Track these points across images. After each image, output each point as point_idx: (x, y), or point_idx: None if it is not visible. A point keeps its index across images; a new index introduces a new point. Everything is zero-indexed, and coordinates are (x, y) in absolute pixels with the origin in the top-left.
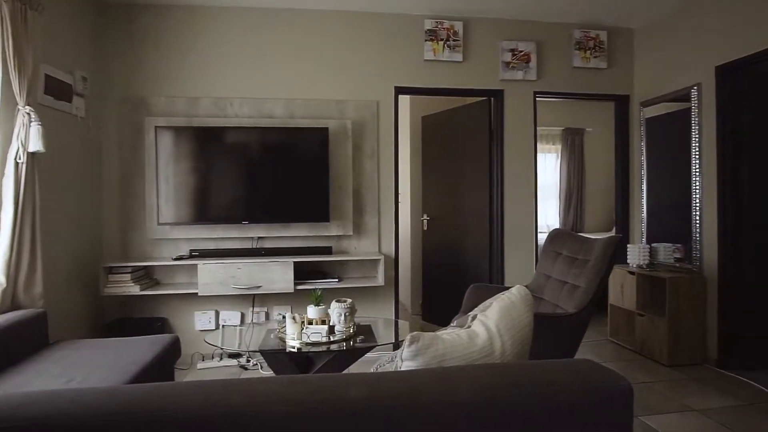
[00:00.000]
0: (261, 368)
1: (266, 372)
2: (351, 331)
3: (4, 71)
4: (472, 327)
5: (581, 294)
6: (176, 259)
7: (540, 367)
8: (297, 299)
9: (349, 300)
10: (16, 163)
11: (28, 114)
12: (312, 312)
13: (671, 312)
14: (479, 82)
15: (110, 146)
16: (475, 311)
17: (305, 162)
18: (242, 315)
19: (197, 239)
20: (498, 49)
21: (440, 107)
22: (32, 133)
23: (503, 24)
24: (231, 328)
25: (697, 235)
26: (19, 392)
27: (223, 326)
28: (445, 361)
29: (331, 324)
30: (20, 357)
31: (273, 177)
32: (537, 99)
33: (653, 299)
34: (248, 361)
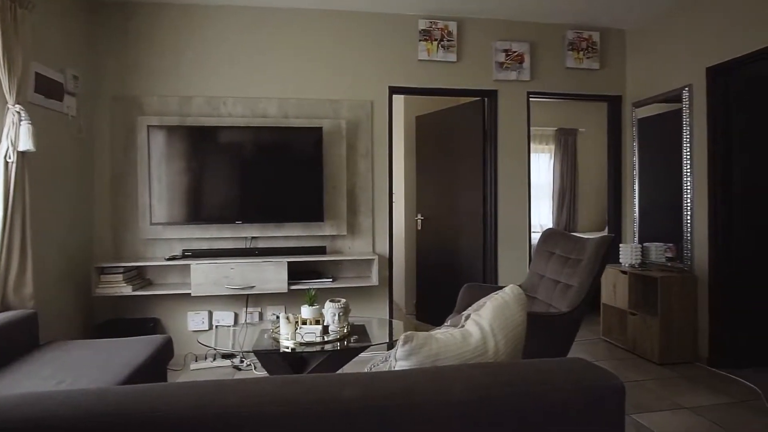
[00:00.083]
0: (255, 369)
1: (260, 372)
2: (345, 331)
3: None
4: (466, 326)
5: (574, 293)
6: (169, 259)
7: (533, 366)
8: (291, 299)
9: (343, 300)
10: (6, 163)
11: (18, 113)
12: (306, 312)
13: (663, 311)
14: (473, 83)
15: (102, 145)
16: (469, 311)
17: (299, 162)
18: (236, 315)
19: (190, 239)
20: (492, 50)
21: (434, 107)
22: (22, 132)
23: (497, 24)
24: (224, 329)
25: (689, 235)
26: (9, 394)
27: (217, 327)
28: (439, 361)
29: (325, 324)
30: (10, 358)
31: (267, 177)
32: (530, 99)
33: (645, 298)
34: (242, 362)
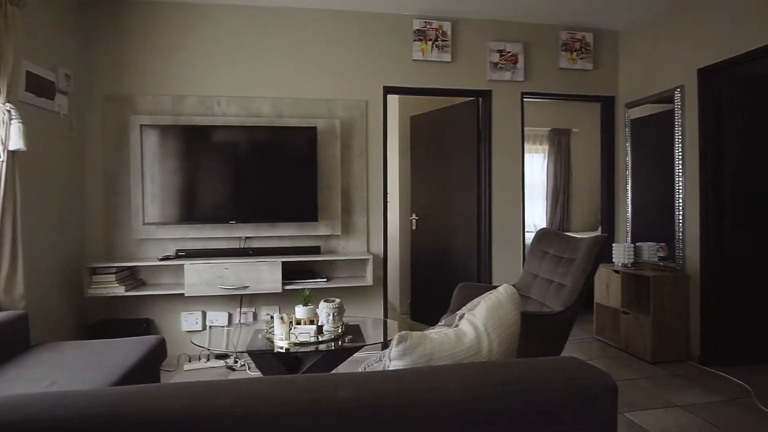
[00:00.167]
0: (248, 369)
1: (254, 373)
2: (339, 331)
3: None
4: (460, 326)
5: (567, 293)
6: (162, 259)
7: (527, 366)
8: (285, 299)
9: (338, 300)
10: None
11: (9, 111)
12: (300, 312)
13: (655, 310)
14: (467, 83)
15: (94, 144)
16: (463, 310)
17: (293, 161)
18: (230, 315)
19: (184, 239)
20: (486, 50)
21: (429, 107)
22: (13, 131)
23: (491, 25)
24: (218, 329)
25: (680, 235)
26: None
27: (210, 327)
28: (433, 360)
29: (320, 324)
30: (0, 360)
31: (261, 176)
32: (524, 99)
33: (638, 298)
34: (236, 362)
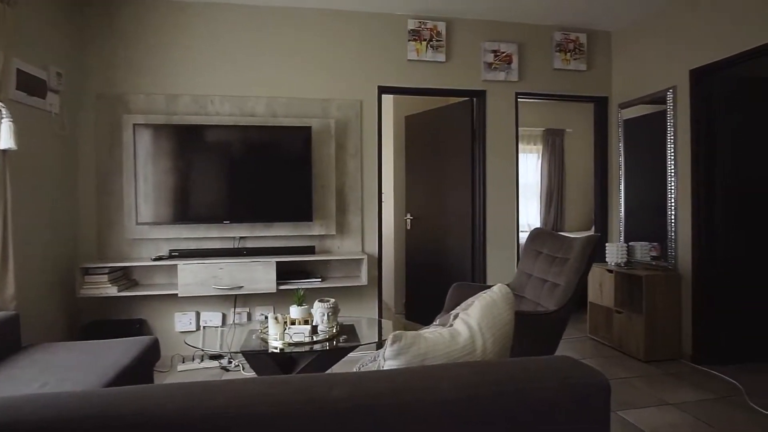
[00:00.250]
0: (243, 369)
1: (248, 373)
2: (334, 331)
3: None
4: (454, 325)
5: (561, 292)
6: (155, 260)
7: (520, 365)
8: (279, 299)
9: (332, 300)
10: None
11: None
12: (295, 312)
13: (648, 309)
14: (462, 83)
15: (86, 144)
16: (457, 310)
17: (288, 161)
18: (224, 316)
19: (177, 239)
20: (480, 50)
21: (423, 107)
22: (3, 130)
23: (485, 25)
24: (212, 329)
25: (673, 235)
26: None
27: (204, 327)
28: (428, 360)
29: (314, 324)
30: None
31: (255, 176)
32: (518, 100)
33: (630, 297)
34: (230, 363)
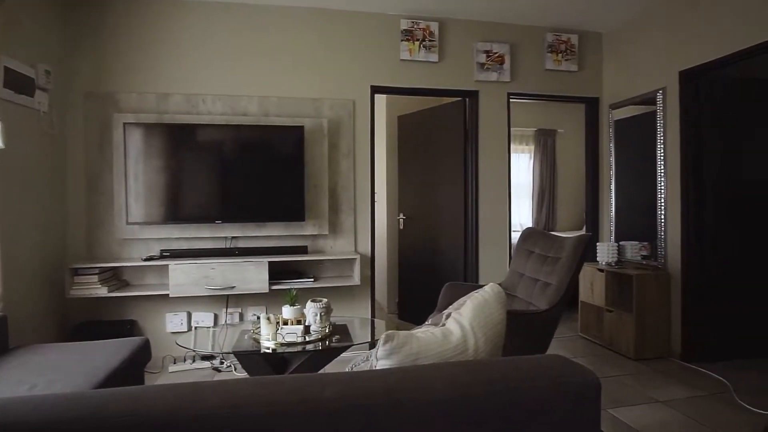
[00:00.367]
0: (235, 370)
1: (240, 374)
2: (327, 331)
3: None
4: (447, 325)
5: (553, 291)
6: (146, 260)
7: (512, 364)
8: (272, 299)
9: (325, 299)
10: None
11: None
12: (287, 312)
13: (638, 308)
14: (454, 83)
15: (76, 143)
16: (450, 309)
17: (280, 160)
18: (215, 316)
19: (168, 239)
20: (473, 51)
21: (416, 107)
22: None
23: (478, 26)
24: (204, 330)
25: (662, 234)
26: None
27: (196, 328)
28: (420, 360)
29: (307, 324)
30: None
31: (247, 175)
32: (511, 100)
33: (621, 296)
34: (222, 363)
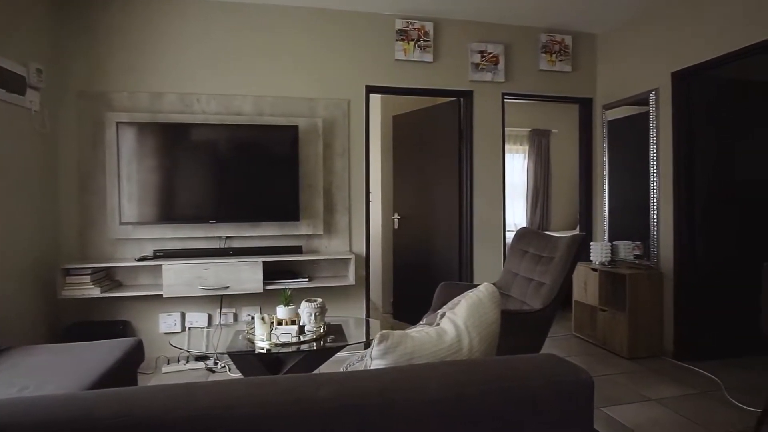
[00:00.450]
0: (229, 370)
1: (234, 374)
2: (321, 331)
3: None
4: (441, 324)
5: (547, 291)
6: (140, 260)
7: (506, 363)
8: (266, 299)
9: (320, 299)
10: None
11: None
12: (281, 312)
13: (631, 307)
14: (449, 83)
15: (68, 142)
16: (444, 309)
17: (275, 160)
18: (209, 316)
19: (162, 239)
20: (467, 51)
21: (411, 107)
22: None
23: (473, 26)
24: (198, 330)
25: (655, 234)
26: None
27: (190, 328)
28: (414, 359)
29: (301, 324)
30: None
31: (241, 175)
32: (505, 100)
33: (614, 295)
34: (216, 364)
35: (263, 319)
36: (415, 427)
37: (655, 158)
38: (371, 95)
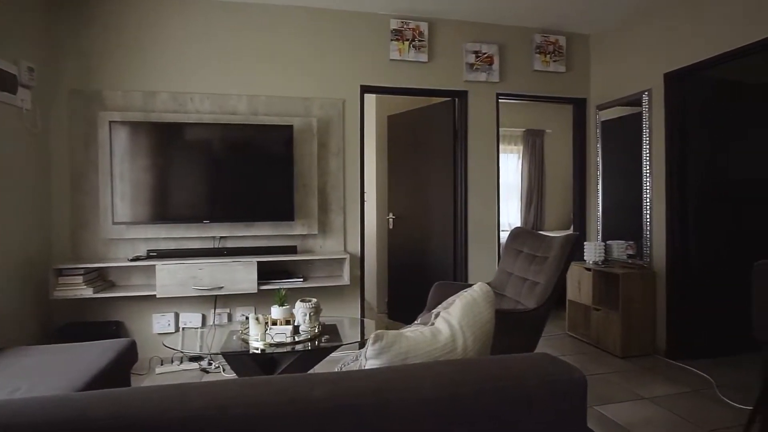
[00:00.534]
0: (223, 371)
1: (229, 375)
2: (316, 331)
3: None
4: (436, 324)
5: (541, 290)
6: (133, 260)
7: (501, 363)
8: (261, 300)
9: (314, 299)
10: None
11: None
12: (276, 312)
13: (624, 306)
14: (444, 83)
15: (60, 141)
16: (439, 308)
17: (269, 160)
18: (203, 317)
19: (155, 239)
20: (462, 51)
21: (406, 107)
22: None
23: (467, 26)
24: (191, 331)
25: (648, 233)
26: None
27: (184, 329)
28: (409, 359)
29: (296, 324)
30: None
31: (236, 175)
32: (499, 100)
33: (608, 294)
34: (210, 364)
35: (258, 320)
36: (410, 427)
37: (648, 158)
38: (366, 95)
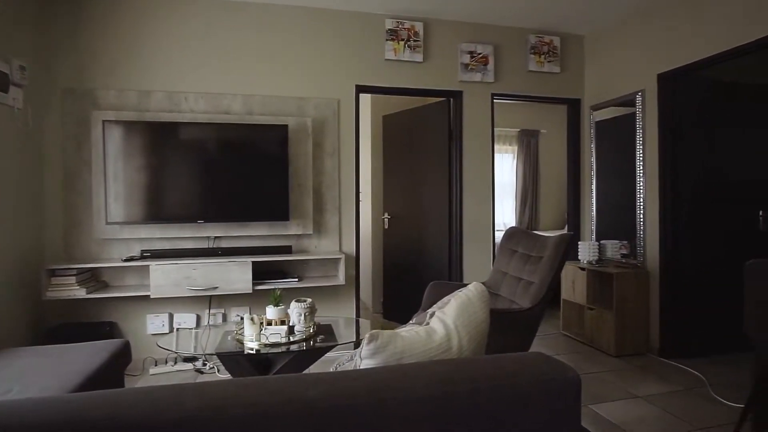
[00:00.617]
0: (218, 372)
1: (223, 375)
2: (311, 331)
3: None
4: (431, 324)
5: (535, 290)
6: (126, 260)
7: (495, 362)
8: (256, 300)
9: (309, 299)
10: None
11: None
12: (271, 312)
13: (618, 305)
14: (439, 83)
15: (52, 140)
16: (434, 308)
17: (264, 159)
18: (198, 317)
19: (149, 239)
20: (457, 51)
21: (401, 107)
22: None
23: (462, 26)
24: (186, 331)
25: (641, 233)
26: None
27: (178, 329)
28: (404, 359)
29: (291, 324)
30: None
31: (230, 174)
32: (494, 100)
33: (602, 294)
34: (204, 365)
35: (252, 320)
36: (405, 427)
37: (642, 158)
38: (361, 95)
